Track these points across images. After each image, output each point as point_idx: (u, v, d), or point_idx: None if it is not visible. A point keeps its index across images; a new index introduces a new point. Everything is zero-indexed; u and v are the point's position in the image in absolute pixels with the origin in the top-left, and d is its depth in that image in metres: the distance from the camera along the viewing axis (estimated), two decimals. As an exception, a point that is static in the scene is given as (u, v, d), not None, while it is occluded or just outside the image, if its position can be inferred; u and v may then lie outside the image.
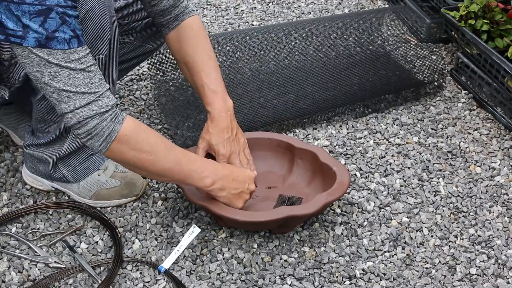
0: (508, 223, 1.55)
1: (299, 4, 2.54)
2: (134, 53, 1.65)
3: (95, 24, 1.23)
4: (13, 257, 1.41)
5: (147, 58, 1.78)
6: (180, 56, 1.51)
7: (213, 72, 1.49)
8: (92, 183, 1.51)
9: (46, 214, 1.52)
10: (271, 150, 1.61)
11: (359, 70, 1.98)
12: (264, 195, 1.54)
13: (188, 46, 1.49)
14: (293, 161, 1.58)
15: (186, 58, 1.50)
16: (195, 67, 1.49)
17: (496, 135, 1.85)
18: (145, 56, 1.72)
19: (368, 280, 1.39)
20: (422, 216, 1.56)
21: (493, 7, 1.99)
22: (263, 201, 1.52)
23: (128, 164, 1.30)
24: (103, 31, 1.26)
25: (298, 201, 1.49)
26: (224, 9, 2.47)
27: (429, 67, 2.05)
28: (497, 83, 1.90)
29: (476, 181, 1.68)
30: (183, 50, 1.50)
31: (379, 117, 1.90)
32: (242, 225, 1.45)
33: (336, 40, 2.08)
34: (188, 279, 1.37)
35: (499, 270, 1.43)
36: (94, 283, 1.36)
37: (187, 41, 1.49)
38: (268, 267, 1.41)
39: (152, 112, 1.86)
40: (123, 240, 1.46)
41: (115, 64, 1.36)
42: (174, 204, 1.55)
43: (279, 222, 1.40)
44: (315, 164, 1.54)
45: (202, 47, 1.50)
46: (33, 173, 1.54)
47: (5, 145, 1.70)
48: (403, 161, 1.73)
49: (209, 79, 1.48)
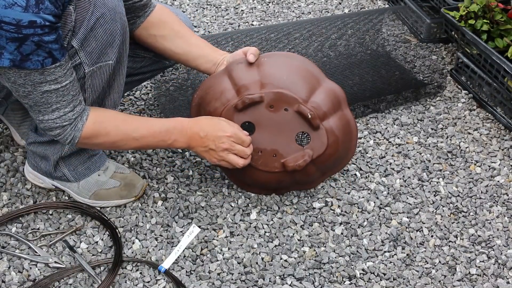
0: (508, 223, 1.55)
1: (299, 4, 2.54)
2: (150, 67, 1.67)
3: (105, 31, 1.25)
4: (13, 257, 1.41)
5: (161, 72, 1.80)
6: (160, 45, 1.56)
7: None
8: (92, 183, 1.51)
9: (46, 214, 1.52)
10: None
11: (359, 70, 1.98)
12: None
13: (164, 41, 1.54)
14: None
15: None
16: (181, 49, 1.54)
17: (496, 135, 1.85)
18: (160, 70, 1.74)
19: (368, 280, 1.39)
20: (422, 216, 1.56)
21: (493, 7, 1.99)
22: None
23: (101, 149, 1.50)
24: (113, 38, 1.27)
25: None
26: (224, 9, 2.47)
27: (429, 67, 2.05)
28: (497, 83, 1.90)
29: (476, 181, 1.68)
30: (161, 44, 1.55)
31: (379, 117, 1.90)
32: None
33: (336, 40, 2.08)
34: (188, 279, 1.37)
35: (499, 270, 1.43)
36: (94, 283, 1.36)
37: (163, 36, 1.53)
38: (268, 267, 1.41)
39: (152, 112, 1.86)
40: (123, 240, 1.46)
41: (123, 70, 1.37)
42: (174, 204, 1.55)
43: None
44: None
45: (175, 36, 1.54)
46: (35, 170, 1.54)
47: (5, 145, 1.70)
48: (403, 161, 1.73)
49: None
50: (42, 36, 1.14)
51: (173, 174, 1.64)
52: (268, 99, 1.44)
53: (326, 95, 1.47)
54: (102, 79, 1.32)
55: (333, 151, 1.49)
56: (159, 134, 1.39)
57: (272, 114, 1.45)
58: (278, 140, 1.47)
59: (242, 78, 1.45)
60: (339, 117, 1.49)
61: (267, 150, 1.47)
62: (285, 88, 1.44)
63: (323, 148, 1.47)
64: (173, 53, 1.55)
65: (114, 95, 1.39)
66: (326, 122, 1.46)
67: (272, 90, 1.44)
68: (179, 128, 1.40)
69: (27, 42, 1.13)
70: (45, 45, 1.15)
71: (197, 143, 1.41)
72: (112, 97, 1.39)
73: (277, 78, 1.45)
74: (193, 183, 1.62)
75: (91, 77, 1.30)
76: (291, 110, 1.44)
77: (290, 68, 1.47)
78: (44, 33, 1.14)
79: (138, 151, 1.70)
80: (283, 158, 1.47)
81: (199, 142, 1.40)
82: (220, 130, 1.40)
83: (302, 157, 1.46)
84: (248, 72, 1.46)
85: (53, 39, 1.16)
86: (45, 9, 1.12)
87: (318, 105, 1.45)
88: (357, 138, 1.54)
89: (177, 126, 1.41)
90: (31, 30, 1.12)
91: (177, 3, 2.51)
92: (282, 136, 1.46)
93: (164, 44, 1.53)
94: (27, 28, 1.11)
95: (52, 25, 1.14)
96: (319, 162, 1.48)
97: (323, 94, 1.47)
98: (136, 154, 1.70)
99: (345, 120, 1.50)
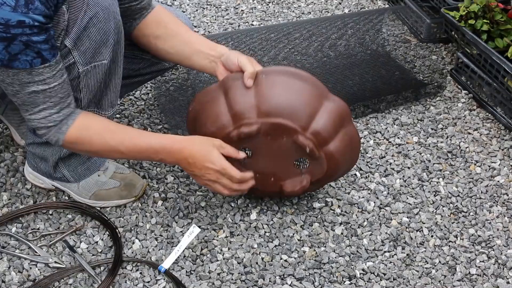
0: (508, 223, 1.55)
1: (299, 4, 2.54)
2: (149, 69, 1.65)
3: (98, 30, 1.25)
4: (13, 257, 1.41)
5: (162, 74, 1.78)
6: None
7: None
8: (91, 183, 1.51)
9: (46, 214, 1.52)
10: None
11: (359, 70, 1.98)
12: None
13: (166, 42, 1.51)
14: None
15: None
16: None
17: (496, 135, 1.85)
18: (160, 73, 1.72)
19: (368, 280, 1.39)
20: (422, 216, 1.56)
21: (493, 7, 1.99)
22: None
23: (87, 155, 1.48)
24: (107, 38, 1.27)
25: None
26: (224, 9, 2.47)
27: (429, 67, 2.05)
28: (497, 83, 1.90)
29: (476, 181, 1.68)
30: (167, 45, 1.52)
31: (379, 117, 1.90)
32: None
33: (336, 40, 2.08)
34: (188, 279, 1.37)
35: (499, 270, 1.43)
36: (94, 283, 1.36)
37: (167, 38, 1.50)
38: (268, 267, 1.41)
39: (152, 112, 1.86)
40: (123, 240, 1.46)
41: (119, 69, 1.37)
42: (174, 204, 1.55)
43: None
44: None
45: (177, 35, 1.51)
46: (35, 171, 1.54)
47: (5, 145, 1.70)
48: (403, 161, 1.73)
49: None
50: (30, 36, 1.13)
51: (173, 174, 1.64)
52: (266, 129, 1.38)
53: (328, 117, 1.40)
54: (97, 79, 1.32)
55: (332, 172, 1.47)
56: (145, 152, 1.36)
57: (270, 142, 1.40)
58: (276, 165, 1.44)
59: (238, 102, 1.39)
60: (342, 137, 1.43)
61: (265, 173, 1.45)
62: (283, 115, 1.37)
63: (322, 173, 1.45)
64: (167, 53, 1.52)
65: (111, 95, 1.39)
66: (327, 148, 1.42)
67: (269, 120, 1.37)
68: (168, 150, 1.36)
69: (15, 42, 1.13)
70: (34, 45, 1.15)
71: (184, 166, 1.38)
72: (109, 97, 1.39)
73: (274, 104, 1.38)
74: (193, 183, 1.62)
75: (85, 77, 1.30)
76: (290, 139, 1.40)
77: (289, 90, 1.40)
78: (33, 33, 1.14)
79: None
80: (281, 181, 1.46)
81: (187, 166, 1.37)
82: (209, 161, 1.36)
83: (300, 183, 1.44)
84: (244, 94, 1.39)
85: (43, 39, 1.16)
86: (35, 10, 1.12)
87: (319, 132, 1.39)
88: (360, 149, 1.51)
89: (166, 147, 1.36)
90: (19, 30, 1.12)
91: (177, 3, 2.51)
92: (280, 161, 1.43)
93: (157, 45, 1.50)
94: (15, 28, 1.11)
95: (41, 25, 1.14)
96: (318, 180, 1.47)
97: (325, 117, 1.40)
98: (136, 154, 1.70)
99: (348, 137, 1.45)
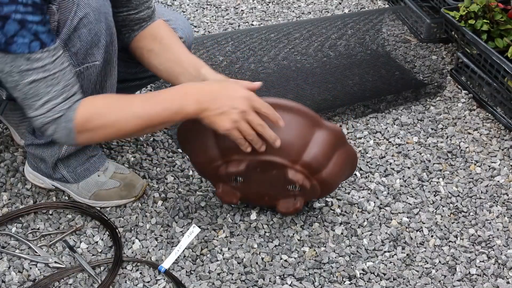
0: (508, 223, 1.55)
1: (299, 4, 2.54)
2: (147, 73, 1.61)
3: (89, 31, 1.23)
4: (13, 257, 1.41)
5: (159, 80, 1.76)
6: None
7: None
8: (91, 184, 1.51)
9: (46, 214, 1.52)
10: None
11: (359, 70, 1.98)
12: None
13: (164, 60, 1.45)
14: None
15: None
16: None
17: (496, 135, 1.85)
18: (158, 78, 1.67)
19: (368, 280, 1.39)
20: (422, 216, 1.56)
21: (493, 7, 1.99)
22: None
23: (103, 140, 1.35)
24: (98, 39, 1.26)
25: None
26: (224, 9, 2.47)
27: (429, 67, 2.06)
28: (497, 83, 1.90)
29: (476, 181, 1.68)
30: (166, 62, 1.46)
31: (379, 117, 1.90)
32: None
33: (336, 40, 2.09)
34: (188, 279, 1.37)
35: (499, 270, 1.43)
36: (94, 283, 1.36)
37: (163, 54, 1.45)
38: (268, 267, 1.41)
39: (152, 112, 1.86)
40: (123, 240, 1.46)
41: (113, 70, 1.35)
42: (174, 204, 1.55)
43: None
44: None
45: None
46: (35, 171, 1.54)
47: (5, 145, 1.70)
48: (403, 161, 1.74)
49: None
50: (25, 15, 1.11)
51: (173, 174, 1.64)
52: (255, 165, 1.36)
53: (320, 146, 1.36)
54: (90, 80, 1.30)
55: (327, 191, 1.47)
56: (162, 102, 1.25)
57: (260, 173, 1.39)
58: (269, 189, 1.44)
59: (225, 138, 1.31)
60: (335, 161, 1.40)
61: (258, 194, 1.47)
62: (272, 152, 1.32)
63: (316, 196, 1.47)
64: (156, 69, 1.46)
65: None
66: (319, 175, 1.39)
67: (258, 157, 1.34)
68: (184, 91, 1.27)
69: (9, 21, 1.10)
70: (29, 25, 1.12)
71: (206, 106, 1.24)
72: None
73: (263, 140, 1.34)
74: (193, 183, 1.62)
75: (79, 78, 1.27)
76: (281, 173, 1.37)
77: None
78: (27, 12, 1.11)
79: (138, 151, 1.70)
80: (275, 200, 1.47)
81: (211, 102, 1.25)
82: (234, 90, 1.27)
83: (294, 206, 1.46)
84: None
85: (38, 20, 1.13)
86: None
87: (310, 164, 1.36)
88: (356, 163, 1.48)
89: (183, 87, 1.28)
90: (12, 6, 1.09)
91: (177, 3, 2.51)
92: (273, 187, 1.43)
93: (149, 59, 1.45)
94: (8, 5, 1.09)
95: (36, 5, 1.11)
96: (312, 197, 1.49)
97: (316, 147, 1.35)
98: (136, 154, 1.70)
99: (342, 158, 1.41)
